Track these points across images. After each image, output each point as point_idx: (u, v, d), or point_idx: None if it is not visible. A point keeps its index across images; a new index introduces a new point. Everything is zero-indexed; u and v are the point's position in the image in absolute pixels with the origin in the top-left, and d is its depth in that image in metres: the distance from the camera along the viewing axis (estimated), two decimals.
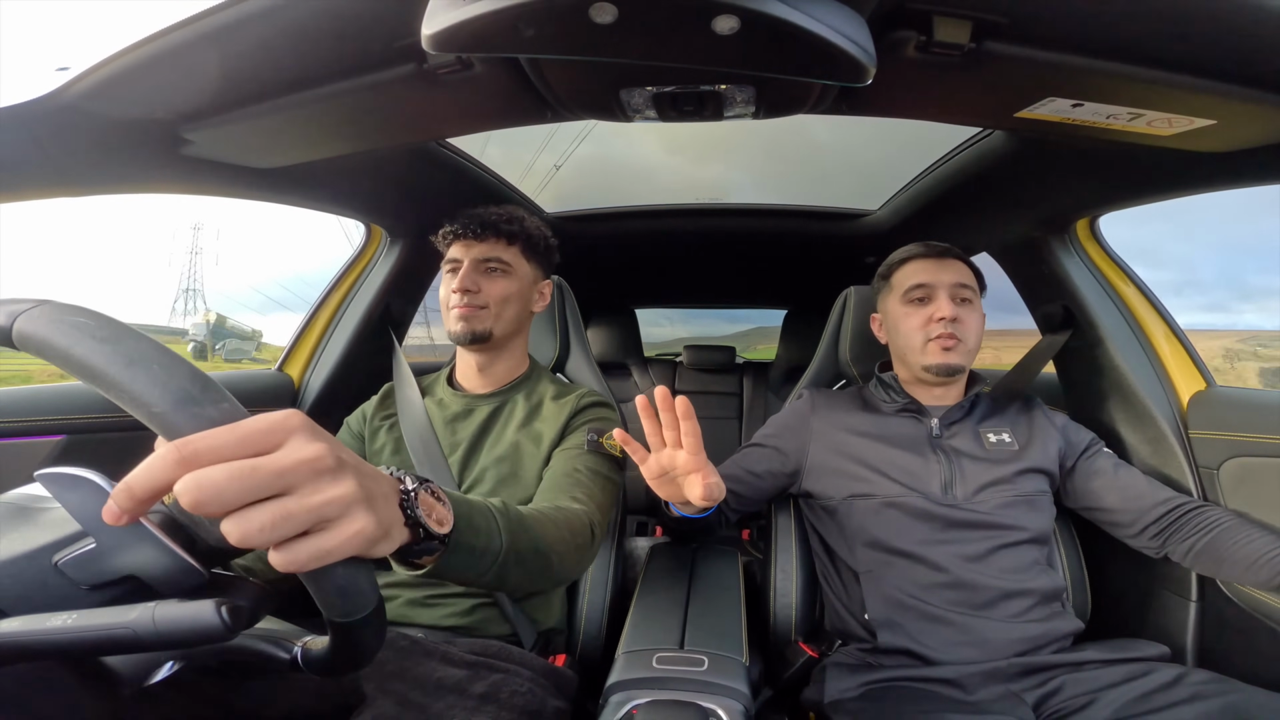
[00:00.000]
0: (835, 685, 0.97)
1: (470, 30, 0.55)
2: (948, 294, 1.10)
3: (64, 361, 0.39)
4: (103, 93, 0.71)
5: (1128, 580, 1.21)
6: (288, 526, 0.36)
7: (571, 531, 0.80)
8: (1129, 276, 1.30)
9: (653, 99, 0.80)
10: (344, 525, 0.38)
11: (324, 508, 0.37)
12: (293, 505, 0.36)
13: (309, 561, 0.37)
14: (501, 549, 0.61)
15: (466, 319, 1.07)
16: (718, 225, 1.96)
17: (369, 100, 0.79)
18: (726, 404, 2.73)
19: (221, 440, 0.35)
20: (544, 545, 0.71)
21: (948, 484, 1.06)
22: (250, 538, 0.35)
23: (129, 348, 0.39)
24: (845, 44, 0.56)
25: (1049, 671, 0.93)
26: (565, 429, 1.06)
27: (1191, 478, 1.12)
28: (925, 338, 1.11)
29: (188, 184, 0.98)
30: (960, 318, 1.09)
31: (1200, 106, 0.72)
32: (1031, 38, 0.63)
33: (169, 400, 0.37)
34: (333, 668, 0.52)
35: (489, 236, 1.09)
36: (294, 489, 0.37)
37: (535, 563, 0.69)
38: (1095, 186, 1.13)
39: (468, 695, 0.82)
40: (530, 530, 0.69)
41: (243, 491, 0.34)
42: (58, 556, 0.45)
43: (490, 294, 1.08)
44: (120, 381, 0.37)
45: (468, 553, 0.57)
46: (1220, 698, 0.81)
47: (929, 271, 1.13)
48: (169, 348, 0.40)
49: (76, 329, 0.39)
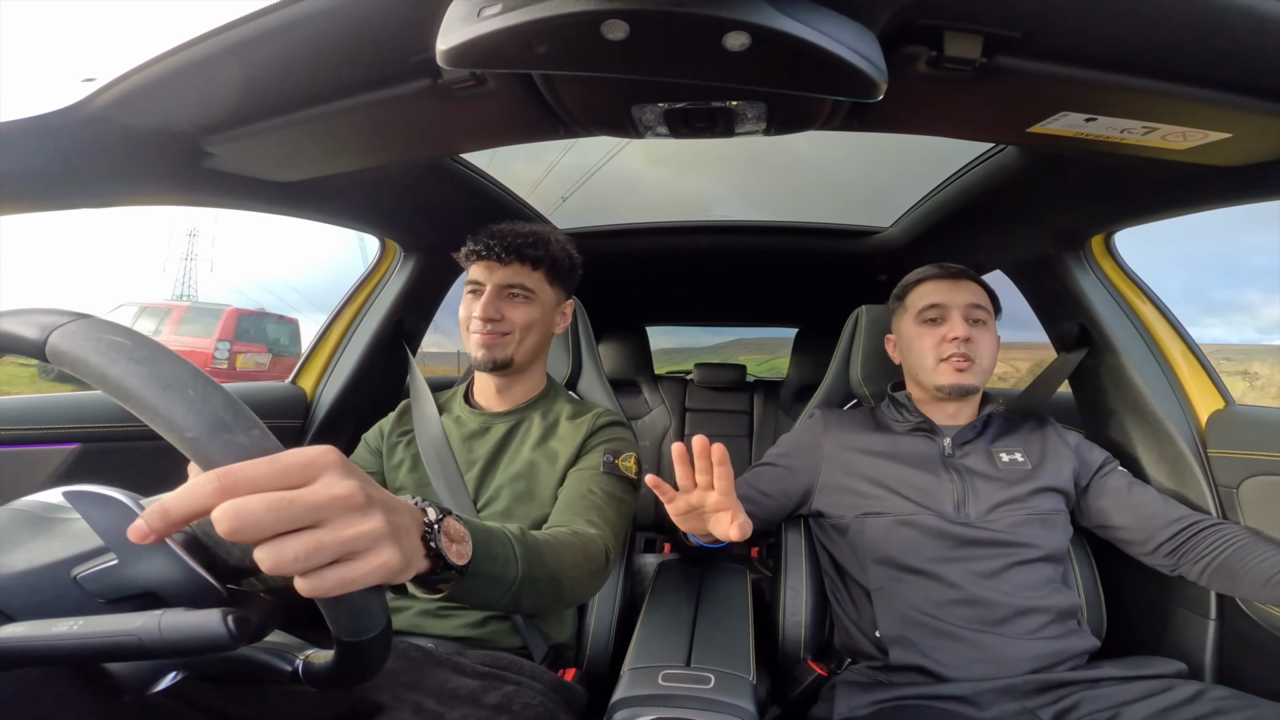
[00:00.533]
0: (846, 703, 0.96)
1: (484, 46, 0.55)
2: (961, 314, 1.11)
3: (99, 380, 0.40)
4: (127, 104, 0.73)
5: (1144, 599, 1.18)
6: (318, 557, 0.38)
7: (586, 557, 0.80)
8: (1145, 294, 1.29)
9: (664, 115, 0.80)
10: (370, 558, 0.40)
11: (354, 541, 0.39)
12: (325, 538, 0.38)
13: (333, 589, 0.39)
14: (517, 577, 0.63)
15: (488, 347, 1.05)
16: (728, 243, 1.97)
17: (385, 114, 0.80)
18: (737, 422, 2.71)
19: (260, 472, 0.37)
20: (558, 572, 0.72)
21: (960, 503, 1.06)
22: (283, 566, 0.37)
23: (165, 371, 0.40)
24: (856, 60, 0.56)
25: (1065, 689, 0.92)
26: (581, 449, 1.06)
27: (1211, 497, 1.10)
28: (938, 357, 1.11)
29: (208, 196, 1.00)
30: (973, 338, 1.10)
31: (1215, 120, 0.71)
32: (1044, 52, 0.63)
33: (202, 426, 0.38)
34: (335, 682, 0.52)
35: (513, 261, 1.06)
36: (326, 522, 0.38)
37: (549, 588, 0.70)
38: (1110, 202, 1.12)
39: (481, 705, 0.82)
40: (545, 558, 0.70)
41: (278, 523, 0.36)
42: (76, 570, 0.45)
43: (513, 320, 1.06)
44: (155, 405, 0.38)
45: (485, 580, 0.58)
46: (1241, 713, 0.80)
47: (943, 292, 1.14)
48: (203, 372, 0.41)
49: (114, 349, 0.40)
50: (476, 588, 0.57)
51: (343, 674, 0.51)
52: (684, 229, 1.94)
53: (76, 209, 0.86)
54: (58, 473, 1.05)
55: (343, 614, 0.42)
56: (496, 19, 0.54)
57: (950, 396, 1.12)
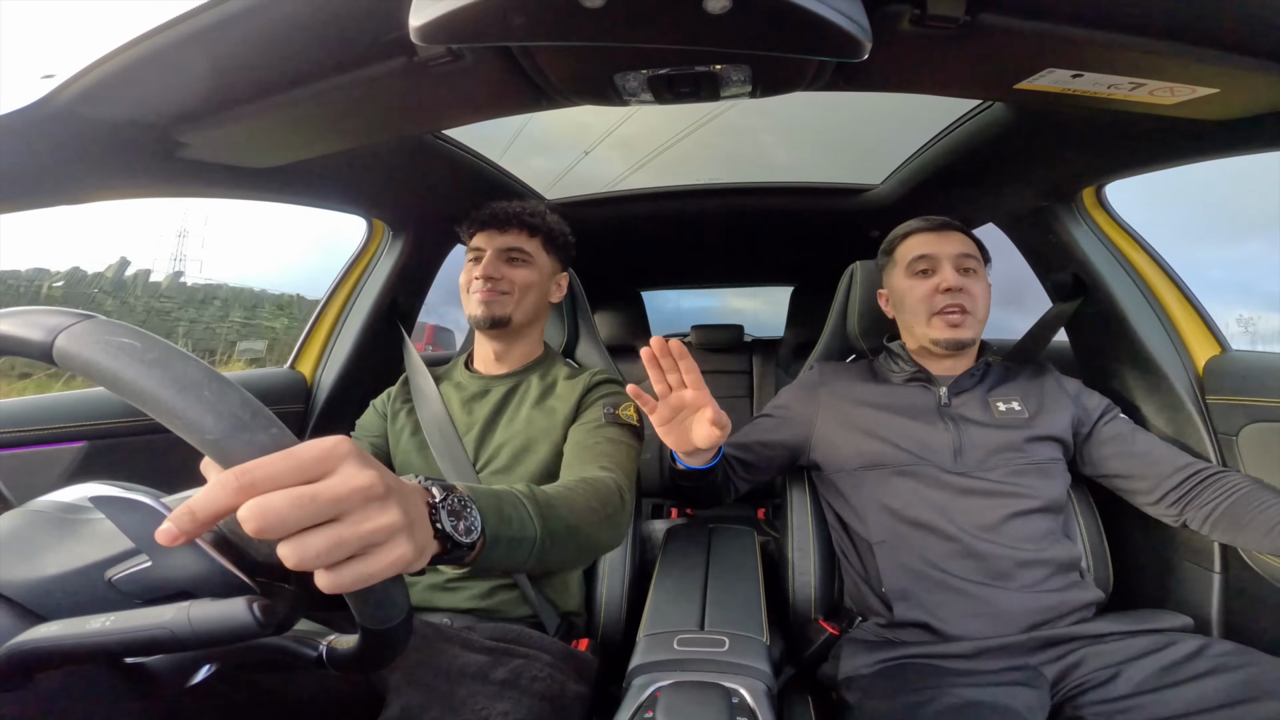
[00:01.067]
0: (850, 662, 0.98)
1: (459, 21, 0.54)
2: (951, 264, 1.10)
3: (111, 383, 0.40)
4: (92, 98, 0.72)
5: (1149, 551, 1.20)
6: (340, 552, 0.38)
7: (601, 501, 0.82)
8: (1139, 243, 1.28)
9: (648, 82, 0.79)
10: (388, 552, 0.41)
11: (373, 535, 0.40)
12: (345, 533, 0.39)
13: (353, 584, 0.40)
14: (537, 534, 0.64)
15: (487, 303, 1.11)
16: (720, 205, 1.95)
17: (362, 95, 0.78)
18: (737, 382, 2.73)
19: (279, 468, 0.37)
20: (575, 521, 0.73)
21: (957, 452, 1.06)
22: (306, 562, 0.38)
23: (179, 372, 0.39)
24: (839, 19, 0.55)
25: (1068, 644, 0.93)
26: (580, 405, 1.10)
27: (1210, 444, 1.11)
28: (930, 310, 1.11)
29: (185, 187, 0.99)
30: (966, 287, 1.09)
31: (1201, 75, 0.70)
32: (1027, 8, 0.62)
33: (222, 428, 0.38)
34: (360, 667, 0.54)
35: (512, 228, 1.14)
36: (346, 515, 0.39)
37: (570, 540, 0.71)
38: (1099, 156, 1.11)
39: (489, 681, 0.84)
40: (559, 510, 0.71)
41: (303, 518, 0.37)
42: (110, 573, 0.46)
43: (512, 280, 1.13)
44: (173, 408, 0.38)
45: (506, 544, 0.59)
46: (1242, 670, 0.81)
47: (931, 243, 1.13)
48: (215, 370, 0.41)
49: (124, 351, 0.40)
50: (501, 554, 0.58)
51: (368, 659, 0.52)
52: (675, 193, 1.92)
53: (51, 207, 0.85)
54: (67, 472, 1.06)
55: (368, 605, 0.44)
56: None
57: (947, 350, 1.11)
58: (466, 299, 1.14)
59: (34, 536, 0.48)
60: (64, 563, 0.46)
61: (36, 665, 0.44)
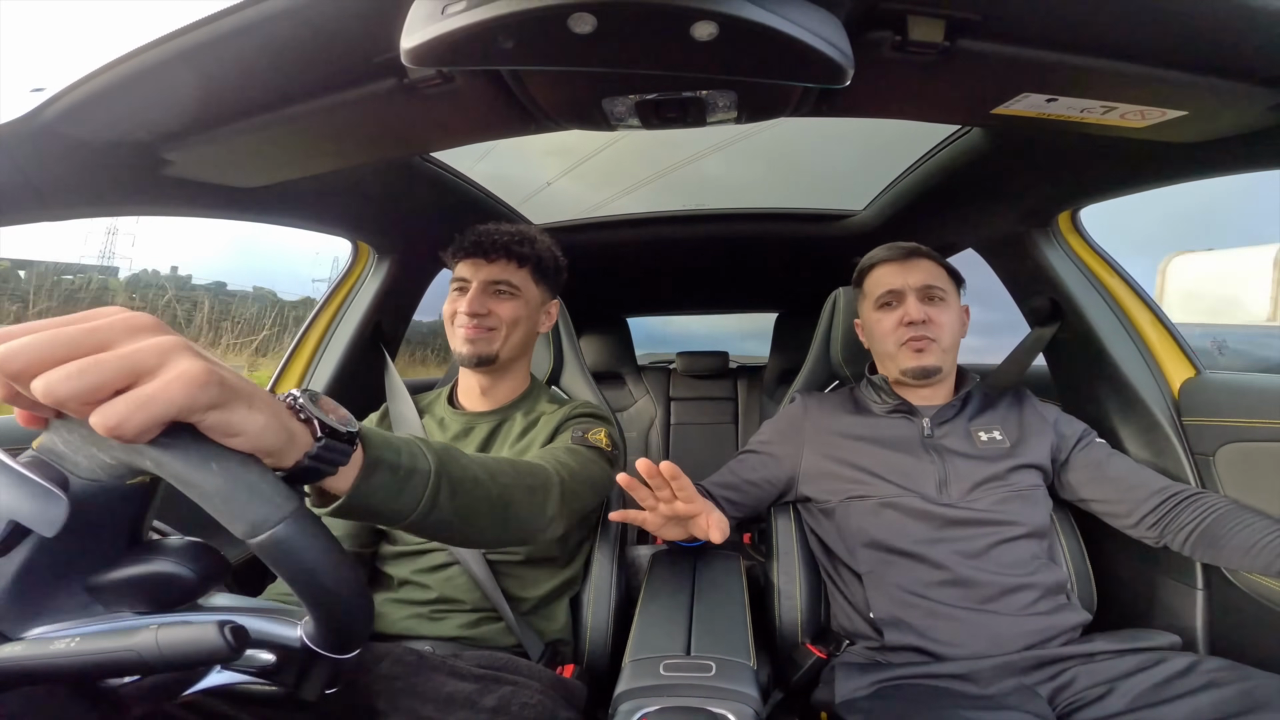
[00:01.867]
0: (847, 685, 0.97)
1: (449, 44, 0.55)
2: (916, 296, 1.12)
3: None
4: (80, 114, 0.71)
5: (1132, 570, 1.20)
6: (96, 374, 0.34)
7: (519, 472, 0.77)
8: (1112, 267, 1.32)
9: (635, 107, 0.80)
10: (166, 370, 0.36)
11: (138, 355, 0.35)
12: (108, 360, 0.34)
13: (134, 413, 0.34)
14: (431, 471, 0.59)
15: (473, 341, 1.06)
16: (705, 231, 1.97)
17: (351, 116, 0.79)
18: (721, 409, 2.73)
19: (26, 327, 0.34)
20: (483, 476, 0.67)
21: (941, 483, 1.07)
22: (55, 387, 0.33)
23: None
24: (822, 46, 0.57)
25: (1061, 664, 0.93)
26: (554, 434, 1.08)
27: (1188, 465, 1.12)
28: (897, 341, 1.13)
29: (170, 205, 0.98)
30: (931, 318, 1.11)
31: (1171, 98, 0.73)
32: (1004, 34, 0.64)
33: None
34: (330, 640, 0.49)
35: (499, 258, 1.08)
36: (110, 345, 0.35)
37: (478, 494, 0.66)
38: (1074, 179, 1.14)
39: (479, 709, 0.82)
40: (463, 460, 0.66)
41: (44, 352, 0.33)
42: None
43: (499, 316, 1.07)
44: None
45: (390, 472, 0.54)
46: (1235, 685, 0.81)
47: (896, 275, 1.15)
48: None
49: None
50: (384, 484, 0.53)
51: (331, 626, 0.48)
52: (659, 219, 1.94)
53: (34, 223, 0.84)
54: None
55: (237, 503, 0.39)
56: (461, 15, 0.53)
57: (915, 378, 1.13)
58: (451, 332, 1.10)
59: None
60: None
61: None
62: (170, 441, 0.38)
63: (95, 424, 0.34)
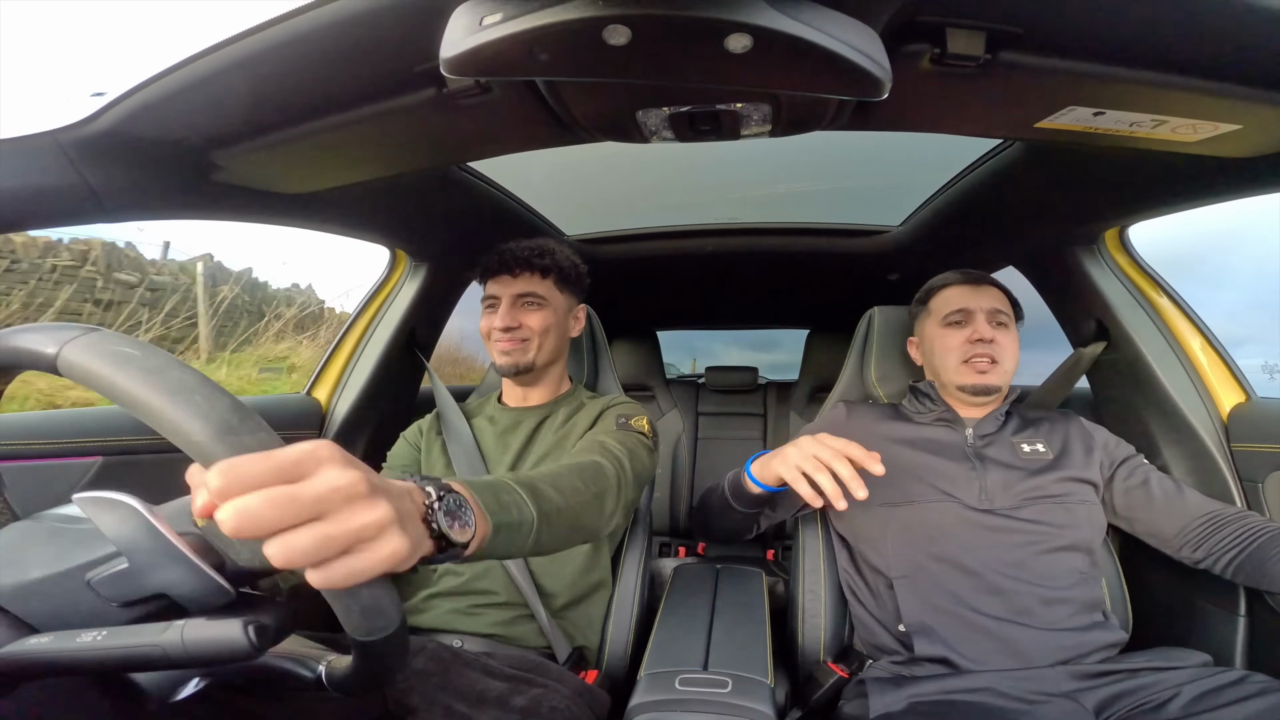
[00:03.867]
0: (880, 700, 0.95)
1: (487, 55, 0.56)
2: (985, 318, 1.14)
3: (109, 390, 0.41)
4: (137, 118, 0.74)
5: (1171, 594, 1.17)
6: (327, 549, 0.38)
7: (585, 481, 0.83)
8: (1162, 287, 1.27)
9: (669, 120, 0.81)
10: (379, 546, 0.40)
11: (362, 530, 0.39)
12: (332, 529, 0.38)
13: (344, 580, 0.39)
14: (534, 517, 0.66)
15: (509, 353, 1.15)
16: (737, 245, 1.97)
17: (392, 125, 0.81)
18: (750, 424, 2.70)
19: (256, 468, 0.37)
20: (564, 502, 0.75)
21: (983, 490, 1.07)
22: (292, 560, 0.37)
23: (173, 379, 0.40)
24: (859, 59, 0.56)
25: (1104, 678, 0.91)
26: (597, 419, 1.15)
27: (1236, 491, 1.09)
28: (961, 358, 1.14)
29: (218, 210, 1.01)
30: (997, 340, 1.12)
31: (1224, 112, 0.71)
32: (1047, 47, 0.63)
33: (209, 431, 0.39)
34: (355, 688, 0.53)
35: (523, 272, 1.16)
36: (330, 514, 0.39)
37: (562, 521, 0.73)
38: (1122, 196, 1.11)
39: (509, 708, 0.84)
40: (548, 492, 0.73)
41: (282, 517, 0.37)
42: (90, 575, 0.46)
43: (530, 326, 1.15)
44: (164, 412, 0.39)
45: (508, 531, 0.61)
46: None
47: (967, 297, 1.16)
48: (211, 379, 0.42)
49: (124, 360, 0.41)
50: (503, 540, 0.60)
51: (363, 678, 0.51)
52: (692, 232, 1.94)
53: (90, 224, 0.87)
54: (80, 486, 1.07)
55: (355, 611, 0.43)
56: (498, 27, 0.54)
57: (974, 395, 1.14)
58: (489, 346, 1.18)
59: (25, 544, 0.48)
60: (48, 566, 0.46)
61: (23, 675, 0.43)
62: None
63: (311, 579, 0.39)
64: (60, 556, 0.47)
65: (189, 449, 0.39)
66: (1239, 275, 39.56)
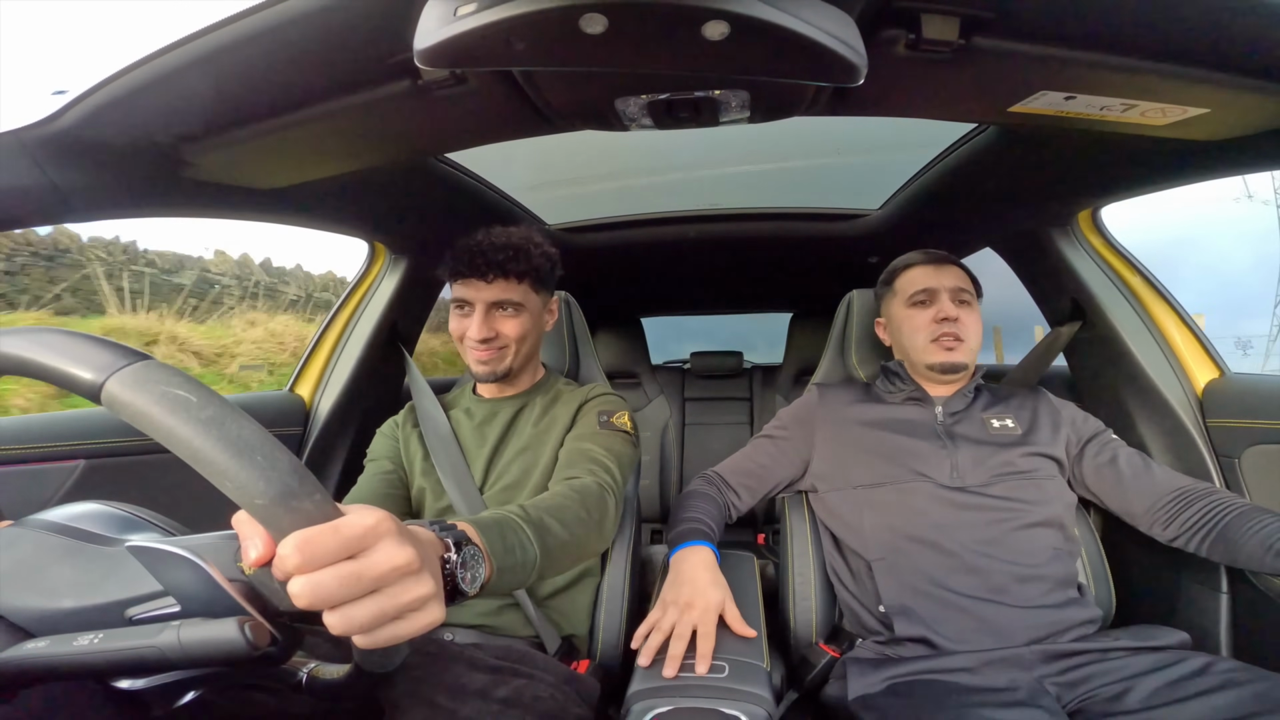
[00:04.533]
0: (859, 682, 0.97)
1: (462, 45, 0.55)
2: (949, 296, 1.15)
3: (164, 437, 0.39)
4: (101, 116, 0.72)
5: (1153, 572, 1.19)
6: (381, 620, 0.43)
7: (588, 509, 0.87)
8: (1134, 266, 1.29)
9: (648, 107, 0.80)
10: (422, 616, 0.45)
11: (410, 605, 0.44)
12: (387, 605, 0.43)
13: (386, 642, 0.44)
14: (537, 556, 0.70)
15: (487, 363, 1.10)
16: (719, 231, 1.97)
17: (366, 117, 0.80)
18: (736, 409, 2.72)
19: (329, 545, 0.41)
20: (568, 536, 0.78)
21: (954, 468, 1.08)
22: (350, 630, 0.42)
23: (233, 433, 0.39)
24: (835, 45, 0.57)
25: (1073, 658, 0.93)
26: (575, 416, 1.13)
27: (1213, 467, 1.11)
28: (929, 337, 1.15)
29: (190, 207, 1.00)
30: (961, 318, 1.14)
31: (1193, 96, 0.72)
32: (1020, 32, 0.63)
33: (272, 494, 0.39)
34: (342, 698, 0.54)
35: (498, 278, 1.07)
36: (386, 588, 0.43)
37: (562, 553, 0.77)
38: (1094, 178, 1.12)
39: (491, 700, 0.83)
40: (552, 528, 0.76)
41: (349, 594, 0.41)
42: (132, 611, 0.46)
43: (507, 335, 1.09)
44: (226, 470, 0.39)
45: (511, 572, 0.65)
46: (1250, 685, 0.80)
47: (931, 277, 1.17)
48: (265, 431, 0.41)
49: (179, 405, 0.39)
50: (507, 580, 0.64)
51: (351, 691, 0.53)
52: (674, 219, 1.94)
53: (57, 224, 0.86)
54: (63, 490, 1.05)
55: (376, 654, 0.46)
56: (473, 17, 0.54)
57: (941, 373, 1.15)
58: (462, 350, 1.12)
59: (42, 562, 0.47)
60: (82, 596, 0.46)
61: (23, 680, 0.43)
62: None
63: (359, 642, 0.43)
64: (94, 586, 0.46)
65: (252, 510, 0.40)
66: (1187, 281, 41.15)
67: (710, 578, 0.97)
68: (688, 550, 1.03)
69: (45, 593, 0.46)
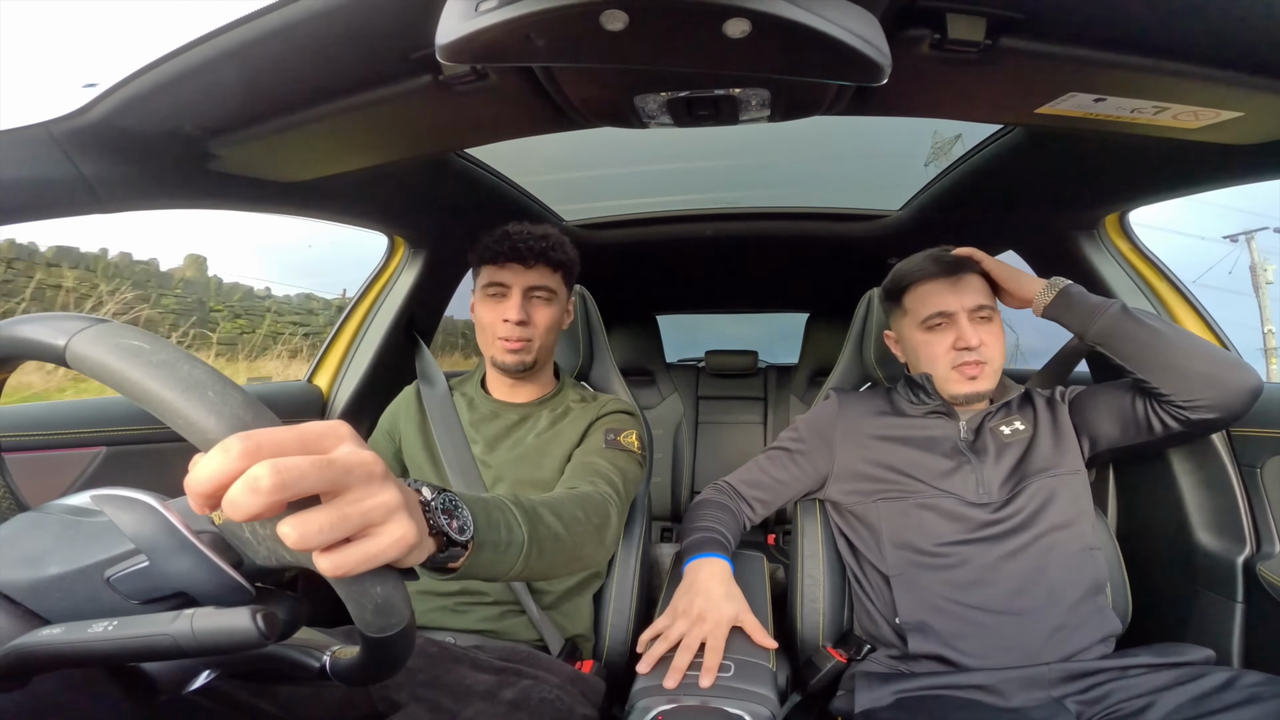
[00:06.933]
0: (867, 695, 0.95)
1: (483, 41, 0.55)
2: (968, 319, 1.07)
3: (119, 384, 0.40)
4: (130, 108, 0.74)
5: (1168, 582, 1.17)
6: (342, 529, 0.38)
7: (586, 512, 0.82)
8: (1162, 272, 1.27)
9: (667, 105, 0.80)
10: (389, 530, 0.40)
11: (373, 511, 0.39)
12: (347, 508, 0.38)
13: (356, 565, 0.39)
14: (524, 540, 0.64)
15: (517, 352, 1.07)
16: (737, 229, 1.96)
17: (388, 112, 0.80)
18: (750, 408, 2.70)
19: (284, 436, 0.37)
20: (561, 530, 0.73)
21: (981, 482, 1.05)
22: (308, 539, 0.37)
23: (184, 373, 0.40)
24: (858, 44, 0.56)
25: (1092, 677, 0.90)
26: (585, 432, 1.09)
27: (1234, 476, 1.09)
28: (948, 365, 1.08)
29: (216, 199, 1.01)
30: (983, 341, 1.06)
31: (1225, 99, 0.70)
32: (1048, 33, 0.62)
33: (224, 426, 0.38)
34: (362, 678, 0.54)
35: (539, 264, 1.07)
36: (349, 489, 0.39)
37: (556, 547, 0.71)
38: (1123, 181, 1.10)
39: (497, 701, 0.83)
40: (545, 517, 0.71)
41: (319, 481, 0.37)
42: (109, 572, 0.46)
43: (538, 323, 1.08)
44: (176, 408, 0.39)
45: (492, 549, 0.59)
46: (1276, 700, 0.78)
47: (947, 295, 1.08)
48: (220, 373, 0.42)
49: (132, 353, 0.41)
50: (487, 560, 0.58)
51: (369, 670, 0.52)
52: (691, 217, 1.94)
53: (86, 215, 0.87)
54: (84, 477, 1.07)
55: (367, 608, 0.43)
56: (494, 13, 0.54)
57: (966, 403, 1.11)
58: (486, 337, 1.10)
59: (38, 538, 0.48)
60: (65, 562, 0.46)
61: (35, 667, 0.44)
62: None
63: (323, 568, 0.39)
64: (77, 553, 0.47)
65: (203, 445, 0.39)
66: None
67: (725, 591, 0.96)
68: (702, 560, 1.01)
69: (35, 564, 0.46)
